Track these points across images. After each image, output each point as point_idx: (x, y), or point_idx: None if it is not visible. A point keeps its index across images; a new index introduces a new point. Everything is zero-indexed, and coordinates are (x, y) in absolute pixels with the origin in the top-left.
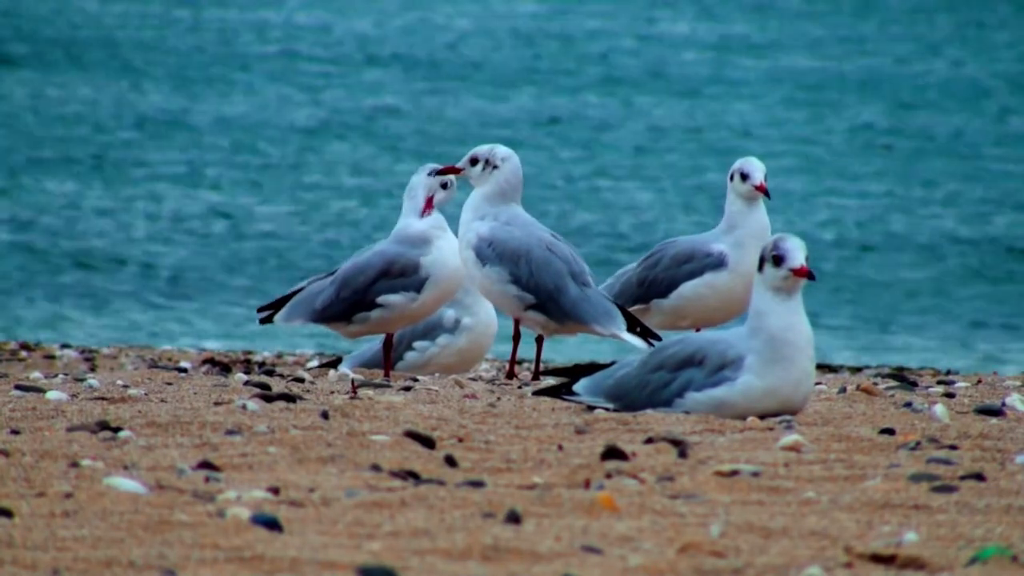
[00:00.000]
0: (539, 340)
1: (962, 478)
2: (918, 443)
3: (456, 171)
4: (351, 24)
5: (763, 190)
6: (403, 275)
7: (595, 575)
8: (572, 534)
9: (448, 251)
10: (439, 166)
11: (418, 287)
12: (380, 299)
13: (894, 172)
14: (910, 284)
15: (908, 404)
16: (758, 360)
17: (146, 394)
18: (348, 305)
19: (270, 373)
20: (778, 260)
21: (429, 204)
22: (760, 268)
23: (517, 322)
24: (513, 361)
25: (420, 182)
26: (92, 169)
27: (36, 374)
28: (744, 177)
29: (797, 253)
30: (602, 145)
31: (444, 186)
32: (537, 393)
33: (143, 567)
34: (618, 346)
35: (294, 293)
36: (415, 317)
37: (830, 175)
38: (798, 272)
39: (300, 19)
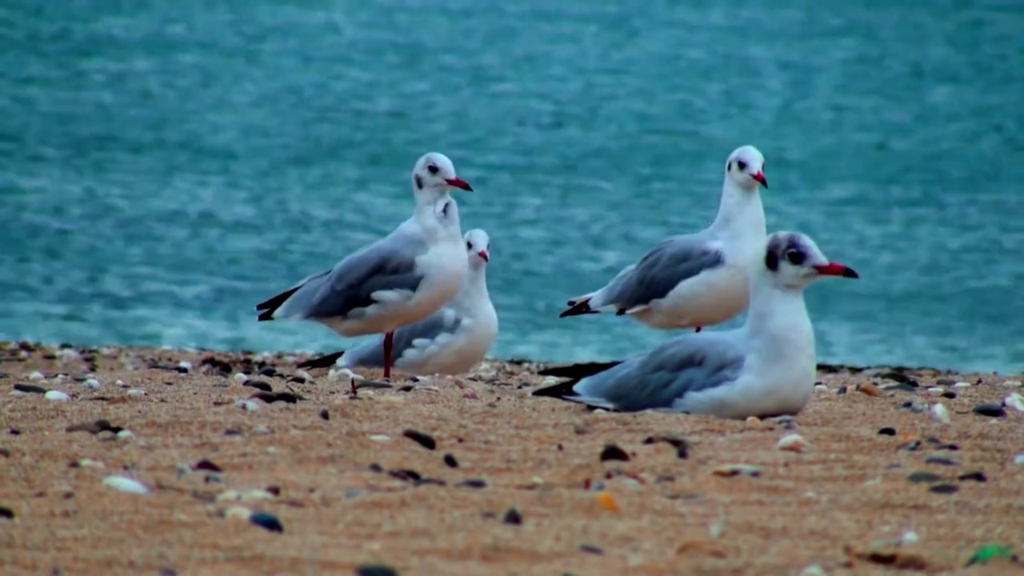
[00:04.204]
0: None
1: (962, 478)
2: (918, 443)
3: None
4: None
5: (760, 179)
6: (397, 272)
7: (595, 575)
8: (572, 534)
9: (448, 253)
10: (436, 156)
11: (413, 285)
12: (375, 295)
13: None
14: None
15: (908, 404)
16: (758, 360)
17: (146, 394)
18: (344, 300)
19: (270, 373)
20: (797, 257)
21: (461, 182)
22: (772, 267)
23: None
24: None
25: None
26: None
27: (36, 374)
28: (742, 166)
29: (816, 249)
30: None
31: (433, 169)
32: (537, 393)
33: (143, 567)
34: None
35: (292, 291)
36: (411, 316)
37: None
38: (825, 269)
39: None
